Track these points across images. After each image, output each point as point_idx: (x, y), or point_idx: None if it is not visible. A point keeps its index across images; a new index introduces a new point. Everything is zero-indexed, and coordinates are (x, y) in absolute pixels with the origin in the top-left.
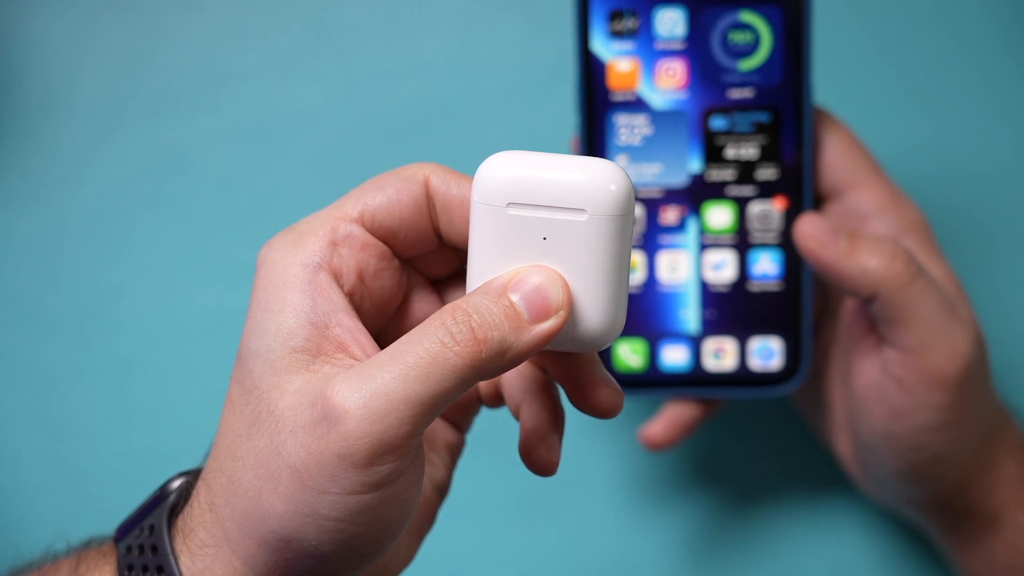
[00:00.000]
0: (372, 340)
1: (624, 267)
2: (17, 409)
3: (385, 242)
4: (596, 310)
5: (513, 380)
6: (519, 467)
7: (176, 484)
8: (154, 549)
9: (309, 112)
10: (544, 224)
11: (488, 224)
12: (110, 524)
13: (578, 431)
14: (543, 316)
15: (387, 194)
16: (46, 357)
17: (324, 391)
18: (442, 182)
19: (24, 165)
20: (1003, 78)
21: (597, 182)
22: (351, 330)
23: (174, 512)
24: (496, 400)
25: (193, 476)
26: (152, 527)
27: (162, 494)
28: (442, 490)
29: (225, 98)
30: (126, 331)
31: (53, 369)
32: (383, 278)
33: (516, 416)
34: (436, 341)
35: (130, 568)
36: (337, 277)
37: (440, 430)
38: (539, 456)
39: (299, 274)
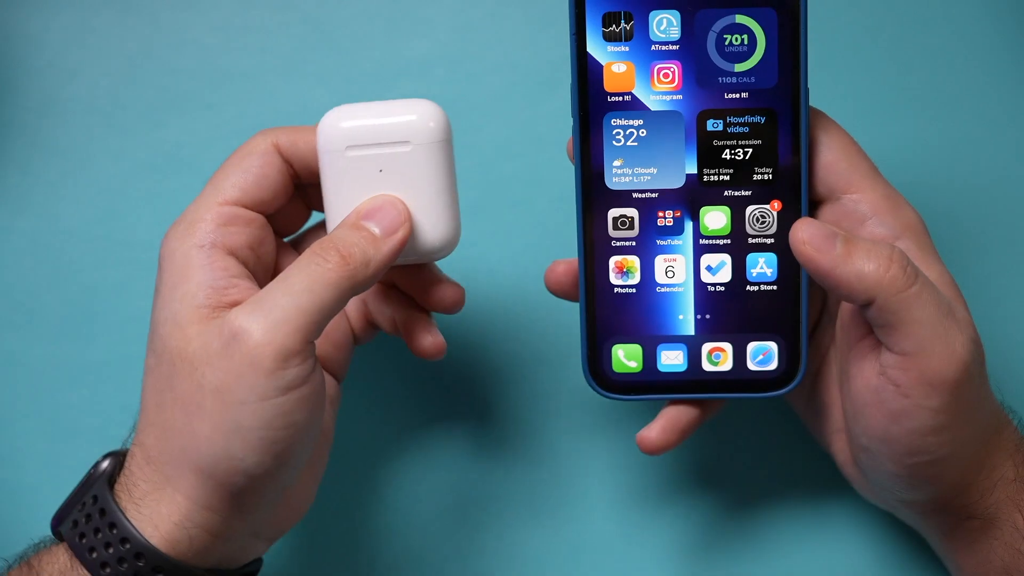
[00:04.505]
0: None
1: (450, 185)
2: (17, 409)
3: (262, 212)
4: (433, 223)
5: (378, 302)
6: (518, 471)
7: (105, 463)
8: (102, 512)
9: (309, 112)
10: (378, 159)
11: (334, 167)
12: None
13: (576, 435)
14: (392, 231)
15: (253, 172)
16: (46, 357)
17: (227, 321)
18: (290, 142)
19: (24, 165)
20: (1000, 80)
21: (417, 117)
22: (247, 289)
23: (111, 482)
24: (367, 331)
25: (121, 454)
26: (95, 497)
27: (94, 472)
28: (328, 436)
29: (225, 98)
30: (126, 331)
31: (53, 369)
32: (267, 243)
33: (394, 331)
34: (312, 265)
35: (81, 537)
36: (233, 252)
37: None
38: (426, 343)
39: (196, 254)
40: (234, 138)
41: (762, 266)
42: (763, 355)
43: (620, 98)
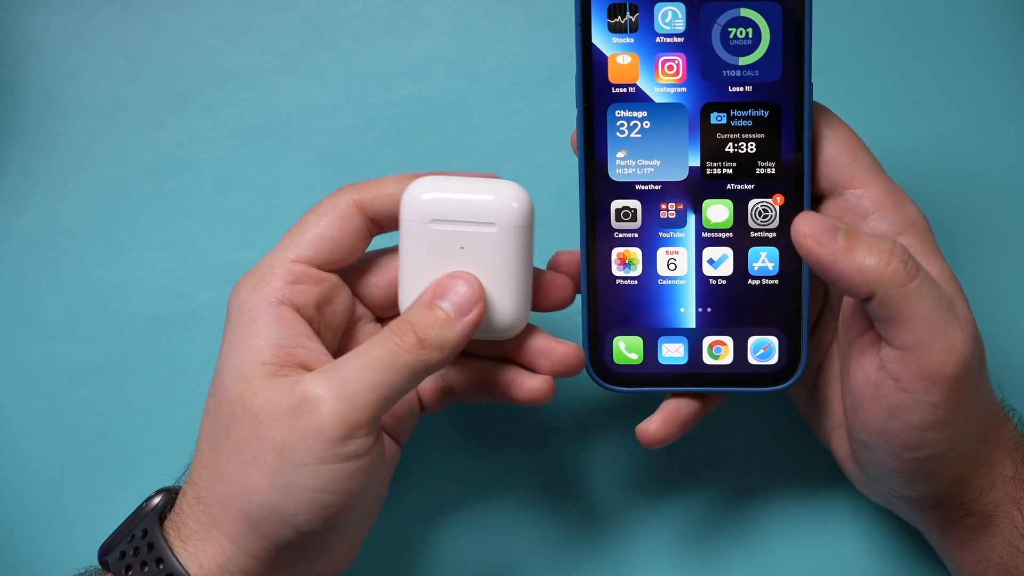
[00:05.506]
0: (331, 357)
1: (528, 270)
2: (17, 409)
3: (336, 270)
4: (507, 305)
5: (454, 371)
6: (518, 461)
7: (157, 499)
8: (150, 546)
9: (309, 112)
10: (462, 236)
11: (415, 238)
12: (110, 524)
13: (576, 426)
14: (466, 311)
15: (330, 231)
16: (46, 357)
17: (299, 385)
18: (374, 197)
19: (24, 165)
20: (1002, 77)
21: (504, 200)
22: (314, 351)
23: (162, 517)
24: (440, 402)
25: (174, 491)
26: (145, 531)
27: (145, 507)
28: (381, 498)
29: (225, 98)
30: (126, 331)
31: (53, 369)
32: (336, 304)
33: (476, 393)
34: (390, 344)
35: (128, 569)
36: (299, 310)
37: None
38: (529, 384)
39: (264, 310)
40: (234, 138)
41: (764, 260)
42: (764, 349)
43: (624, 90)
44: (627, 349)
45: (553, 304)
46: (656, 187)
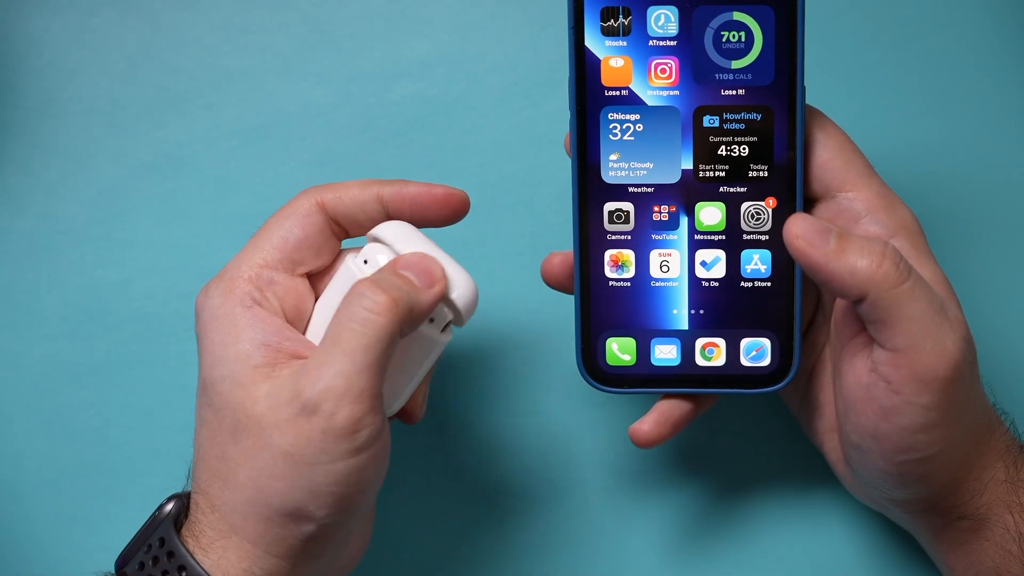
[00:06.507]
0: (312, 343)
1: (425, 369)
2: (17, 409)
3: (303, 272)
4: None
5: None
6: (510, 462)
7: (170, 506)
8: (170, 555)
9: (309, 112)
10: (365, 251)
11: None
12: (110, 524)
13: (569, 427)
14: (430, 284)
15: (293, 232)
16: (46, 357)
17: (296, 392)
18: (335, 199)
19: (24, 165)
20: (995, 79)
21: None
22: (297, 340)
23: (176, 524)
24: None
25: (184, 496)
26: (162, 539)
27: (159, 515)
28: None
29: (225, 98)
30: (126, 331)
31: (53, 369)
32: (307, 299)
33: None
34: (361, 311)
35: None
36: (274, 310)
37: None
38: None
39: (241, 312)
40: (234, 138)
41: (756, 262)
42: (756, 351)
43: (617, 93)
44: (620, 350)
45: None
46: (649, 189)
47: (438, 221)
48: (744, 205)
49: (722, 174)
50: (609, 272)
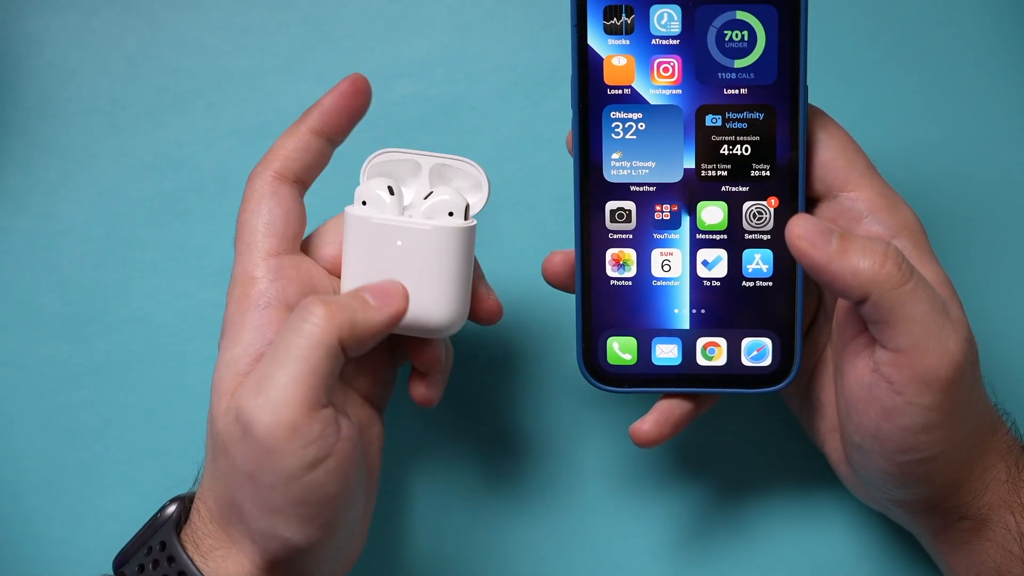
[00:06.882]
0: None
1: (464, 269)
2: (17, 409)
3: (299, 245)
4: (440, 304)
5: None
6: (511, 461)
7: (172, 508)
8: (170, 559)
9: None
10: (399, 231)
11: (355, 231)
12: (110, 524)
13: (569, 426)
14: (385, 304)
15: (273, 213)
16: (46, 357)
17: (239, 410)
18: (283, 164)
19: (24, 165)
20: (995, 79)
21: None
22: None
23: (177, 527)
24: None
25: (187, 499)
26: (163, 543)
27: (160, 517)
28: (375, 476)
29: (225, 98)
30: (126, 331)
31: (53, 369)
32: (315, 271)
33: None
34: (298, 321)
35: None
36: (289, 300)
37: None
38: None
39: (252, 316)
40: (234, 138)
41: (758, 262)
42: (757, 351)
43: (620, 91)
44: (621, 350)
45: (482, 318)
46: (651, 188)
47: (361, 108)
48: (746, 205)
49: (724, 173)
50: (610, 271)
